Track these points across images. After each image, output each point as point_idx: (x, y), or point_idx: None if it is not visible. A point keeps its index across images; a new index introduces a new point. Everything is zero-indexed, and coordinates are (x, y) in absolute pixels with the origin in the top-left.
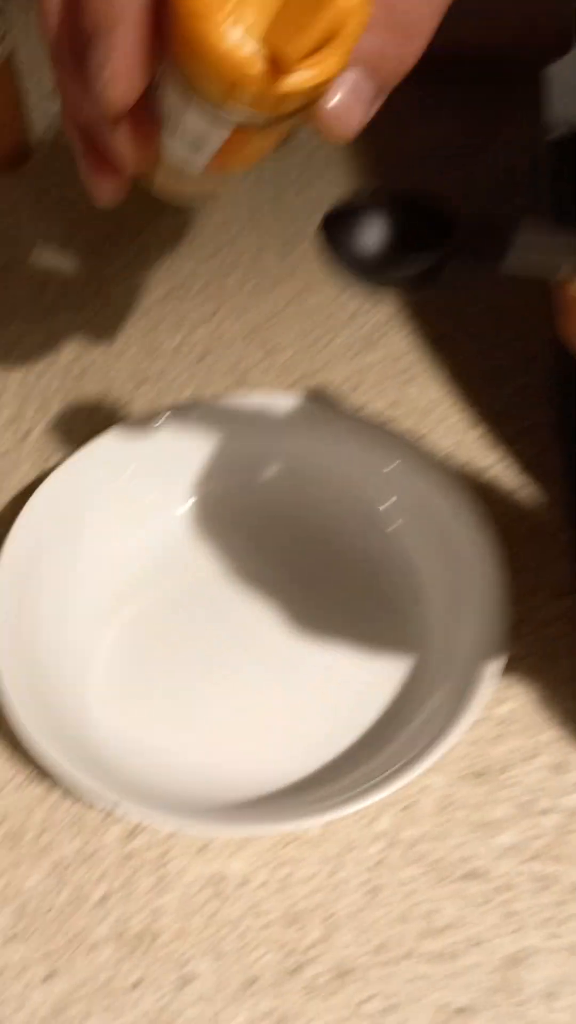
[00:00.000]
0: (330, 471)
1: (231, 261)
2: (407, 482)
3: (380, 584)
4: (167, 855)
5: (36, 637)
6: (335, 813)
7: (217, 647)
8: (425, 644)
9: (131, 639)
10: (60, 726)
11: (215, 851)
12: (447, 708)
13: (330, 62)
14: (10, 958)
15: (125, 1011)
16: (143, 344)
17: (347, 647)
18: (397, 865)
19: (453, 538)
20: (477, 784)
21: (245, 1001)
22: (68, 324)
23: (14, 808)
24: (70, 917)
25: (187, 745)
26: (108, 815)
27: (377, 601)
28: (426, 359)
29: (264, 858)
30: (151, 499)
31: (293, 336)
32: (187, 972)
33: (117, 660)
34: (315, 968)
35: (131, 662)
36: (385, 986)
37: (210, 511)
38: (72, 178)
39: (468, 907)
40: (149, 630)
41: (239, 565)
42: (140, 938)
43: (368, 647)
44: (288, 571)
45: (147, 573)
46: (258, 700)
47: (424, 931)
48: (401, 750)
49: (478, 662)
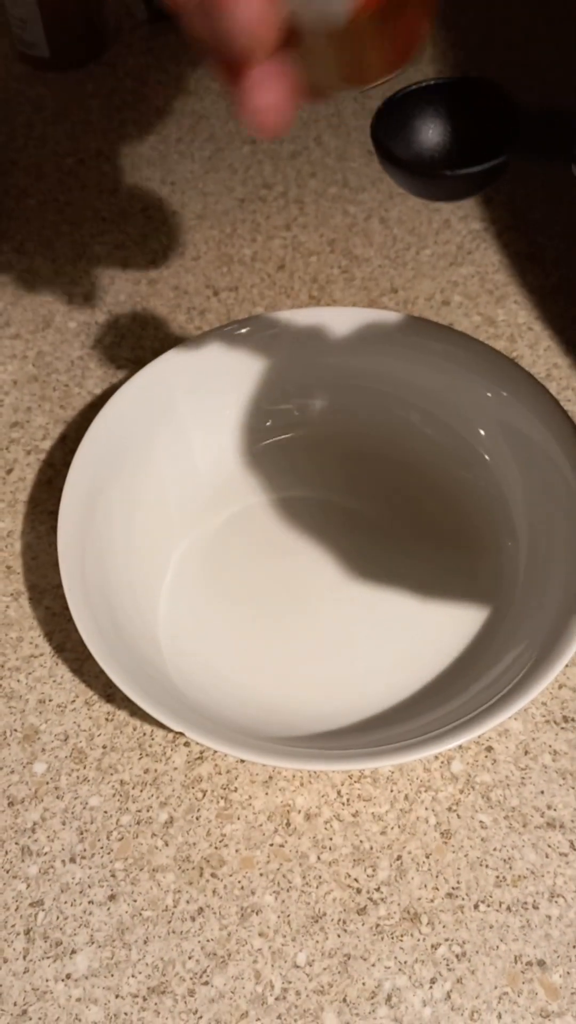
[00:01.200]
0: (422, 393)
1: (312, 164)
2: (509, 409)
3: (472, 518)
4: (233, 783)
5: (104, 557)
6: (407, 756)
7: (292, 576)
8: (515, 584)
9: (202, 563)
10: (128, 647)
11: (282, 783)
12: (534, 653)
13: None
14: (73, 876)
15: (187, 938)
16: (218, 252)
17: (431, 582)
18: (472, 810)
19: (551, 473)
20: (561, 731)
21: (310, 938)
22: (140, 228)
23: (79, 727)
24: (133, 839)
25: (258, 674)
26: (174, 739)
27: (468, 536)
28: (517, 278)
29: (332, 793)
30: (223, 418)
31: (376, 248)
32: (250, 904)
33: (188, 584)
34: (383, 909)
35: (203, 586)
36: (456, 933)
37: (288, 433)
38: (146, 73)
39: (546, 857)
40: (221, 554)
41: (317, 491)
42: (203, 866)
43: (453, 584)
44: (371, 499)
45: (219, 495)
46: (333, 633)
47: (499, 879)
48: (482, 695)
49: (569, 604)
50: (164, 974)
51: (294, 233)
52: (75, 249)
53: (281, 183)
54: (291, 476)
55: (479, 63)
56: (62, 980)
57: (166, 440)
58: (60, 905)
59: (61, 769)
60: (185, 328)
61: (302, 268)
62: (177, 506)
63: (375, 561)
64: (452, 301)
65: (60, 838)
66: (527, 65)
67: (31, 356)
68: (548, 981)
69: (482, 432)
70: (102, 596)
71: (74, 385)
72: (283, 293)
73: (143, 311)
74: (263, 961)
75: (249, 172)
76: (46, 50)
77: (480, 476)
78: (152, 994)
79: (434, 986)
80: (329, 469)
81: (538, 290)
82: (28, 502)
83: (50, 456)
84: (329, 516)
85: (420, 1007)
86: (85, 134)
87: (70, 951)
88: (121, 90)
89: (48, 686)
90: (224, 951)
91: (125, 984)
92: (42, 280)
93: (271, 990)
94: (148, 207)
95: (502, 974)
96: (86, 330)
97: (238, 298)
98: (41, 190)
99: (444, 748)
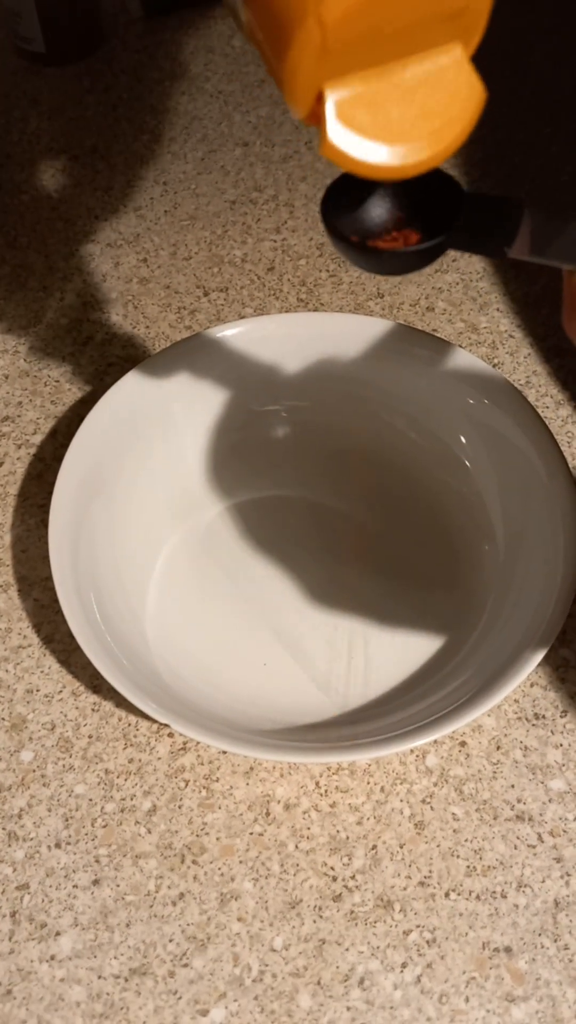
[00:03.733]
0: (406, 398)
1: (303, 168)
2: (490, 417)
3: (452, 521)
4: (215, 774)
5: (94, 551)
6: (384, 750)
7: (276, 573)
8: (492, 584)
9: (190, 559)
10: (115, 639)
11: (263, 773)
12: (508, 652)
13: None
14: (58, 861)
15: (167, 922)
16: (209, 253)
17: (412, 581)
18: (445, 802)
19: (530, 479)
20: (532, 727)
21: (287, 923)
22: (132, 227)
23: (66, 717)
24: (117, 827)
25: (241, 668)
26: (158, 730)
27: (449, 537)
28: (500, 286)
29: (311, 784)
30: (213, 417)
31: None
32: (230, 890)
33: (176, 580)
34: (358, 896)
35: (190, 582)
36: (427, 920)
37: (275, 434)
38: (141, 71)
39: (515, 849)
40: (209, 551)
41: (303, 491)
42: (185, 853)
43: (433, 583)
44: (355, 500)
45: (208, 493)
46: (316, 629)
47: (470, 869)
48: (457, 692)
49: (544, 606)
50: (145, 956)
51: (284, 236)
52: (68, 246)
53: (272, 186)
54: (277, 476)
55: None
56: (46, 961)
57: (156, 438)
58: (45, 889)
59: (48, 757)
60: (175, 327)
61: (291, 271)
62: (166, 503)
63: (358, 560)
64: (436, 307)
65: (46, 824)
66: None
67: (23, 351)
68: (514, 967)
69: (463, 439)
70: (91, 589)
71: (65, 381)
72: (272, 295)
73: (134, 309)
74: (241, 945)
75: (241, 175)
76: (42, 45)
77: (461, 480)
78: (134, 975)
79: (405, 970)
80: (315, 470)
81: (520, 299)
82: (18, 495)
83: (40, 451)
84: (314, 515)
85: (391, 990)
86: (80, 130)
87: (54, 933)
88: (116, 87)
89: (36, 676)
90: (204, 935)
91: (107, 965)
92: (35, 276)
93: (248, 972)
94: (140, 206)
95: (470, 960)
96: (78, 327)
97: (228, 299)
98: (35, 186)
99: (419, 743)
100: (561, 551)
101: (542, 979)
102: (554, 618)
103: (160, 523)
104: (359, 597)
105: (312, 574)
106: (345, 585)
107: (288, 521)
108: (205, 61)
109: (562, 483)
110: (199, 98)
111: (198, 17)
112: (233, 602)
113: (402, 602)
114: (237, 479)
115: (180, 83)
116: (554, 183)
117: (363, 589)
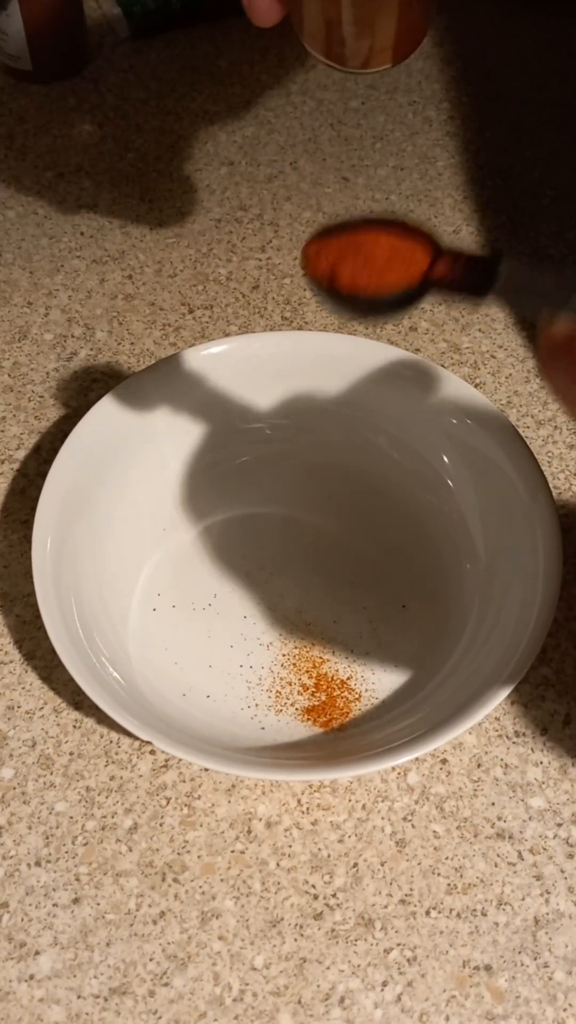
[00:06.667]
0: (389, 418)
1: (288, 188)
2: (471, 437)
3: (434, 539)
4: (197, 791)
5: (76, 568)
6: (365, 768)
7: (258, 591)
8: (473, 602)
9: (172, 576)
10: (97, 656)
11: (245, 791)
12: (489, 670)
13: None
14: (38, 879)
15: (148, 941)
16: (194, 271)
17: (394, 599)
18: (426, 820)
19: (511, 498)
20: (513, 745)
21: (267, 941)
22: (118, 244)
23: (46, 734)
24: (98, 845)
25: (223, 686)
26: (140, 747)
27: (431, 556)
28: (482, 307)
29: (293, 802)
30: (196, 435)
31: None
32: (211, 908)
33: (158, 596)
34: (339, 915)
35: (173, 599)
36: (408, 938)
37: (258, 452)
38: (127, 90)
39: (495, 867)
40: (191, 568)
41: (285, 509)
42: (166, 871)
43: (415, 601)
44: (338, 518)
45: (191, 510)
46: (297, 646)
47: (450, 887)
48: (438, 710)
49: (525, 624)
50: (125, 975)
51: (269, 255)
52: (53, 262)
53: (257, 205)
54: (260, 493)
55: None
56: (25, 981)
57: (140, 455)
58: (25, 907)
59: (28, 775)
60: (160, 344)
61: (276, 289)
62: (149, 520)
63: (339, 578)
64: (419, 327)
65: (26, 842)
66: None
67: (7, 367)
68: (494, 985)
69: (445, 459)
70: (73, 605)
71: (49, 397)
72: (257, 313)
73: (119, 326)
74: (222, 964)
75: (226, 193)
76: (29, 63)
77: (443, 500)
78: (113, 995)
79: (385, 989)
80: (298, 488)
81: (501, 319)
82: (1, 511)
83: (23, 466)
84: (297, 533)
85: (372, 1009)
86: (66, 148)
87: (34, 952)
88: (103, 106)
89: (17, 692)
90: (184, 954)
91: (87, 985)
92: (20, 291)
93: (229, 992)
94: (126, 223)
95: (451, 978)
96: (62, 343)
97: (213, 316)
98: (21, 202)
99: (401, 761)
100: (541, 570)
101: (522, 997)
102: (534, 637)
103: (143, 539)
104: (340, 614)
105: (294, 592)
106: (327, 604)
107: (271, 539)
108: (191, 81)
109: (543, 503)
110: (185, 117)
111: (184, 38)
112: (215, 619)
113: (384, 621)
114: (220, 496)
115: (166, 102)
116: (536, 206)
117: (345, 608)
